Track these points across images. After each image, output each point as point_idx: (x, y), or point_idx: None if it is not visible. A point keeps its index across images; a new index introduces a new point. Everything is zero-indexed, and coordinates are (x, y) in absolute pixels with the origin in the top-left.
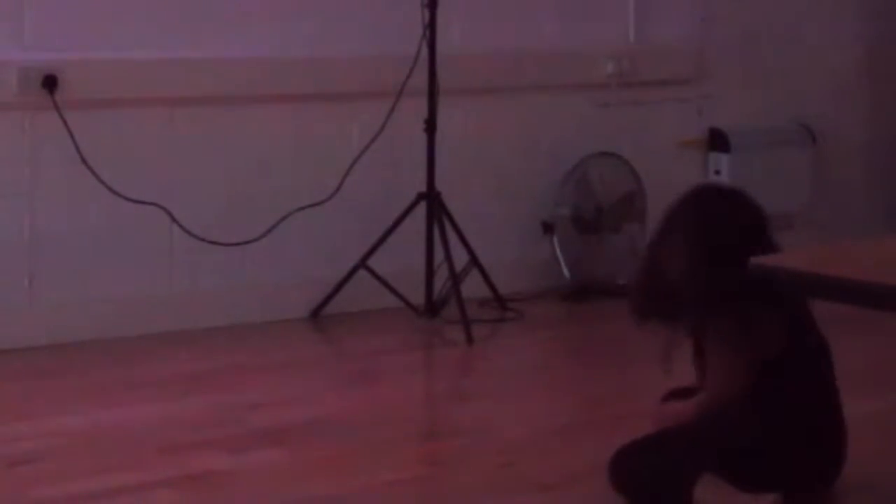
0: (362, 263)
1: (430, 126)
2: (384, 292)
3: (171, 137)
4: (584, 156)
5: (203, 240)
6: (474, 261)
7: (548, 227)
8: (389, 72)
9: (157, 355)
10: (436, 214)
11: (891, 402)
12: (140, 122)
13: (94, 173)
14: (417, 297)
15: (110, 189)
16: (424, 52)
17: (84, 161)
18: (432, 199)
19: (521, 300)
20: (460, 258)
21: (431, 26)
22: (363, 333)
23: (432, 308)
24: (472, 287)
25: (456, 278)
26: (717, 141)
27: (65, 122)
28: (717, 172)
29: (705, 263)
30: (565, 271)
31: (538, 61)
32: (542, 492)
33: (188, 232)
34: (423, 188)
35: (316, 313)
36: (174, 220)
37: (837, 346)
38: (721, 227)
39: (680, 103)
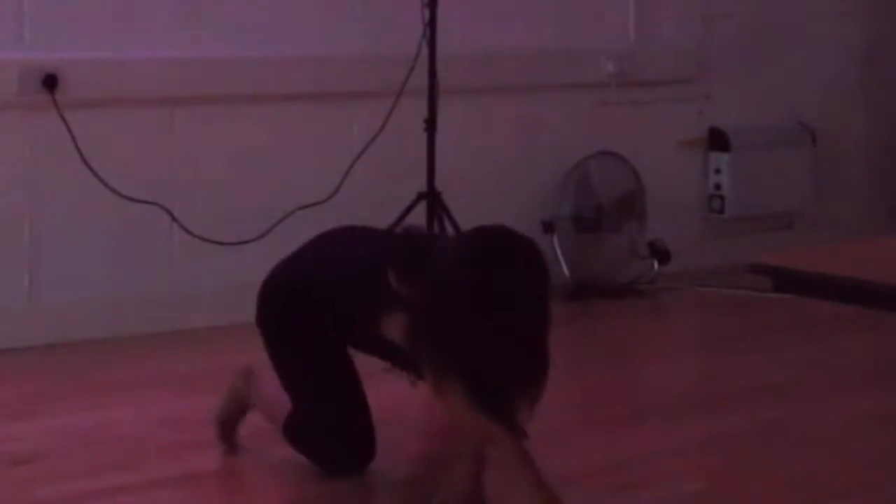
0: None
1: (431, 125)
2: None
3: (171, 137)
4: (585, 155)
5: (203, 240)
6: None
7: (548, 227)
8: (389, 71)
9: (158, 355)
10: (436, 214)
11: (891, 402)
12: (140, 122)
13: (94, 173)
14: None
15: (110, 189)
16: (424, 51)
17: (84, 161)
18: (432, 199)
19: None
20: None
21: (431, 25)
22: None
23: None
24: None
25: None
26: (717, 141)
27: (65, 122)
28: (718, 172)
29: None
30: (565, 271)
31: (538, 61)
32: None
33: (188, 232)
34: (423, 188)
35: None
36: (174, 219)
37: (838, 346)
38: None
39: (680, 103)
